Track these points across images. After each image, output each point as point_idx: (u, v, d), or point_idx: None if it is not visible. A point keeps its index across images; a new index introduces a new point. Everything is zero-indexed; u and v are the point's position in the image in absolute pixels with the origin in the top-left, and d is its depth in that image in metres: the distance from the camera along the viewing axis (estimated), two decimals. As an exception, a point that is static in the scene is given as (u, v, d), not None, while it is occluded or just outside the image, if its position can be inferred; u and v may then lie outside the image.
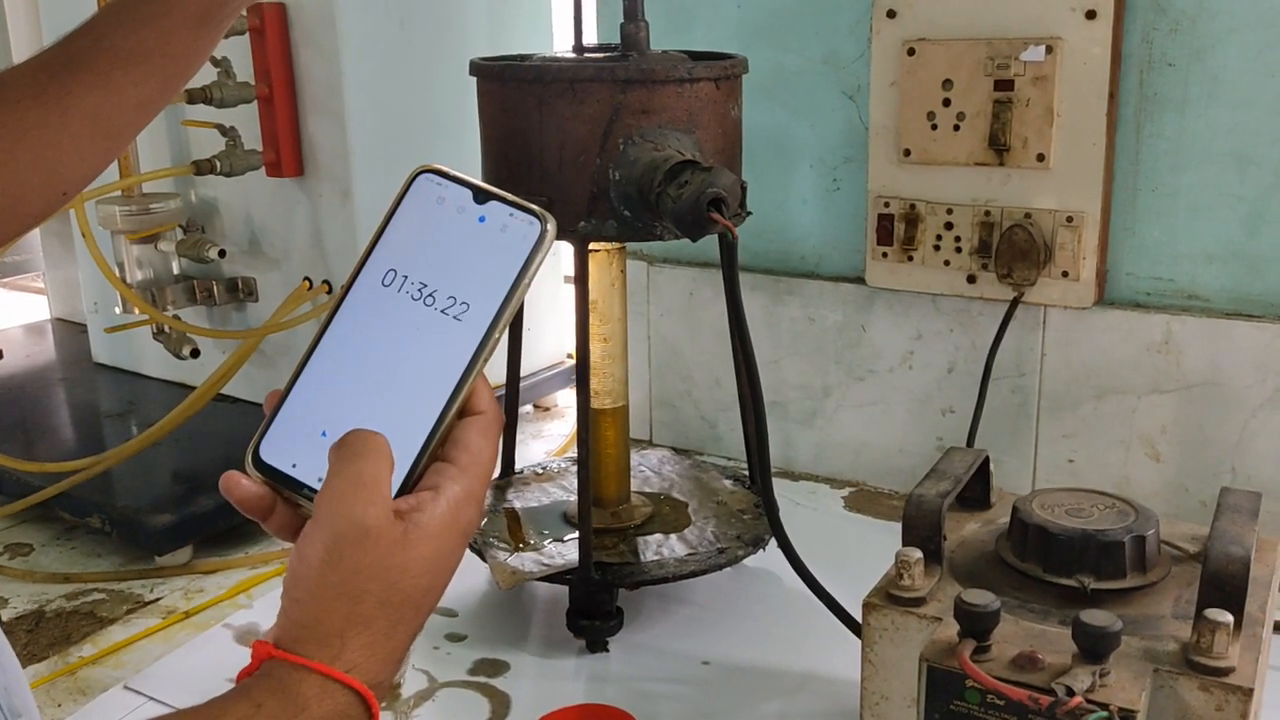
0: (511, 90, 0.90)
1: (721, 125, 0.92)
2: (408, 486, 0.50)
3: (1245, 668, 0.61)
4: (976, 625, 0.62)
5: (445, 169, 0.54)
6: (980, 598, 0.62)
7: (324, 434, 0.51)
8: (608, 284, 1.01)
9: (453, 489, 0.50)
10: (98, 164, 0.73)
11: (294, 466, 0.51)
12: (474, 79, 0.94)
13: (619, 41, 0.93)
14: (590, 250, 0.98)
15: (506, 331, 0.53)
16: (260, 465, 0.52)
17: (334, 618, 0.47)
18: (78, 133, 0.67)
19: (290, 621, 0.48)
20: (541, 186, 0.89)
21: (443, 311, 0.51)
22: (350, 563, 0.47)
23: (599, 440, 1.04)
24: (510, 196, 0.52)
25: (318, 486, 0.50)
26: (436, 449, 0.51)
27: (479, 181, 0.53)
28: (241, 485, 0.51)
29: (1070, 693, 0.57)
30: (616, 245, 1.01)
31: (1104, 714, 0.56)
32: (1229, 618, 0.61)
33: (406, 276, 0.52)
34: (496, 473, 1.16)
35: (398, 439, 0.50)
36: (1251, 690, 0.60)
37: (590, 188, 0.88)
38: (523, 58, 0.95)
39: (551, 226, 0.52)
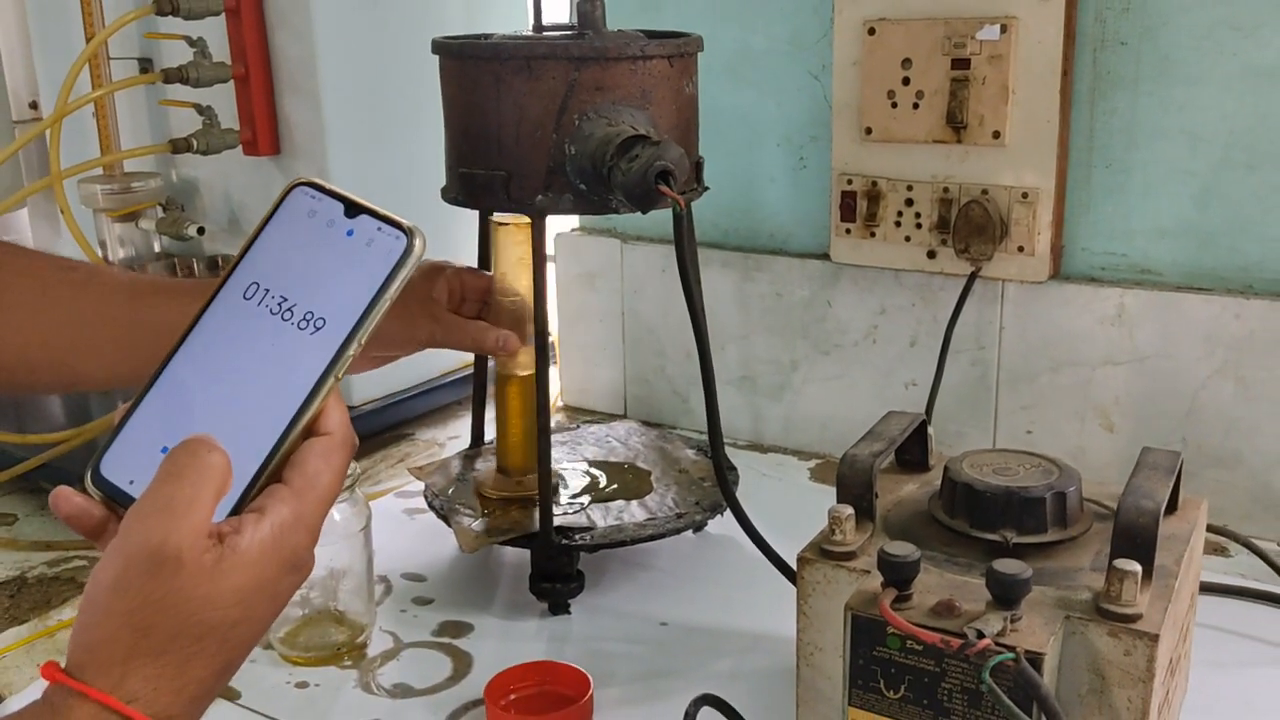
0: (470, 68, 0.93)
1: (675, 102, 0.94)
2: (241, 508, 0.48)
3: (1154, 615, 0.64)
4: (898, 575, 0.65)
5: (321, 182, 0.52)
6: (901, 549, 0.65)
7: (164, 450, 0.48)
8: (514, 259, 1.00)
9: (280, 512, 0.48)
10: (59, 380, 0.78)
11: (131, 484, 0.49)
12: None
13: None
14: (499, 224, 0.99)
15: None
16: (100, 482, 0.49)
17: (118, 646, 0.45)
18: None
19: (77, 644, 0.46)
20: (500, 161, 0.92)
21: (299, 326, 0.50)
22: (139, 592, 0.45)
23: (505, 409, 1.04)
24: (380, 210, 0.51)
25: None
26: (277, 470, 0.49)
27: (353, 195, 0.51)
28: (72, 501, 0.49)
29: (980, 635, 0.60)
30: (525, 221, 0.98)
31: (1010, 655, 0.59)
32: (1137, 567, 0.64)
33: (268, 290, 0.51)
34: (466, 444, 1.19)
35: (236, 457, 0.48)
36: (1158, 636, 0.63)
37: (547, 162, 0.91)
38: (484, 37, 0.98)
39: (419, 242, 0.50)
